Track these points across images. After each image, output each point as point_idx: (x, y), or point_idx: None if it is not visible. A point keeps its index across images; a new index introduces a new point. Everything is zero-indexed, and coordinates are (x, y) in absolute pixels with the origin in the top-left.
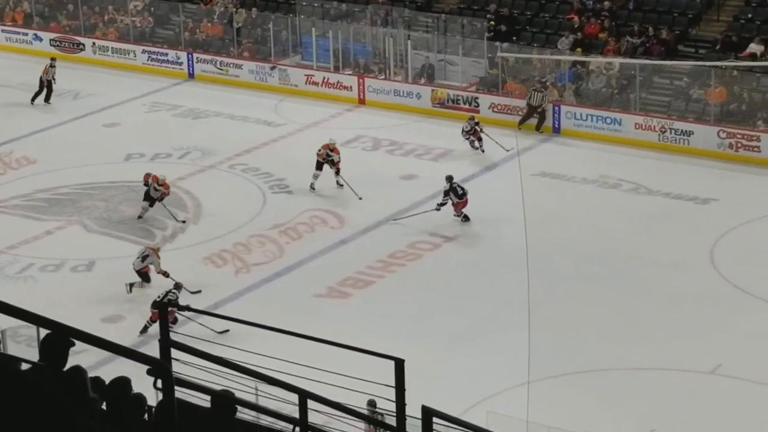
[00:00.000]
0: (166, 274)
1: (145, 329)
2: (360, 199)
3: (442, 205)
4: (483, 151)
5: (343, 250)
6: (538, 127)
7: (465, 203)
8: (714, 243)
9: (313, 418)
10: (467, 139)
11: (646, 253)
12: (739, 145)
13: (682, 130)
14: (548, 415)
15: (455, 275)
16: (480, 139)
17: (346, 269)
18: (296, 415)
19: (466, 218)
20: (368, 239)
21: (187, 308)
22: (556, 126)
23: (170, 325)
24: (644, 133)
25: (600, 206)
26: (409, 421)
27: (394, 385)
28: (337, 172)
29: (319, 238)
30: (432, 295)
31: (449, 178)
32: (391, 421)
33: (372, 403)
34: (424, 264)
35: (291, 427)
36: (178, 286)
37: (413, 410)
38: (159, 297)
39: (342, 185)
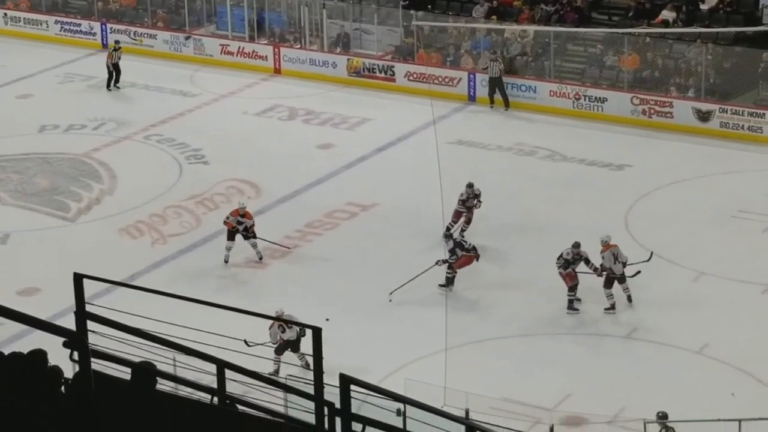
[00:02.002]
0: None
1: None
2: (290, 248)
3: (445, 262)
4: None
5: (260, 219)
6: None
7: (469, 260)
8: (628, 208)
9: (231, 387)
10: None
11: (562, 219)
12: (652, 111)
13: (596, 97)
14: (466, 381)
15: (372, 244)
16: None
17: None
18: (215, 385)
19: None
20: (285, 209)
21: (104, 280)
22: (472, 94)
23: None
24: (559, 100)
25: (515, 173)
26: (327, 389)
27: (311, 353)
28: (253, 237)
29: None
30: (349, 264)
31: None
32: (309, 389)
33: (663, 416)
34: (342, 233)
35: (209, 397)
36: None
37: (331, 378)
38: None
39: (259, 254)
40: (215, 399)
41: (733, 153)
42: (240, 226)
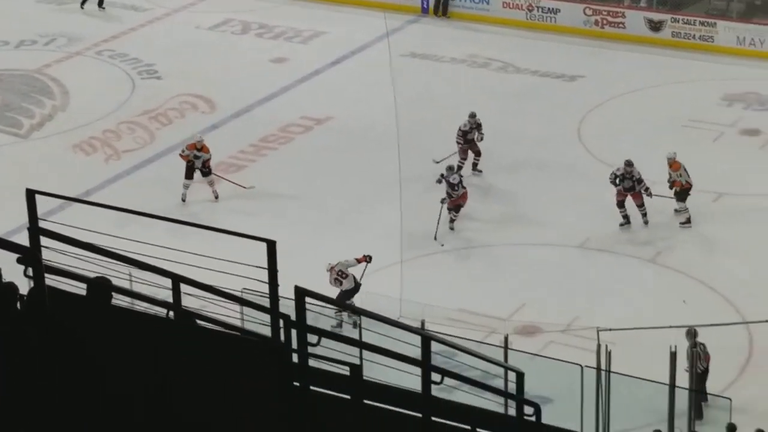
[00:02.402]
0: None
1: None
2: (250, 187)
3: (448, 197)
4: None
5: (214, 135)
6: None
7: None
8: (581, 119)
9: (187, 302)
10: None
11: (516, 131)
12: (604, 22)
13: (548, 8)
14: (422, 293)
15: (327, 158)
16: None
17: (218, 154)
18: (170, 299)
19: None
20: (239, 123)
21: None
22: (425, 6)
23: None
24: (512, 11)
25: (469, 86)
26: (282, 302)
27: (266, 266)
28: (208, 174)
29: (190, 123)
30: (304, 178)
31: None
32: (265, 302)
33: (693, 333)
34: (296, 147)
35: (165, 311)
36: None
37: (286, 291)
38: None
39: (215, 192)
40: (171, 313)
41: (684, 63)
42: (197, 161)
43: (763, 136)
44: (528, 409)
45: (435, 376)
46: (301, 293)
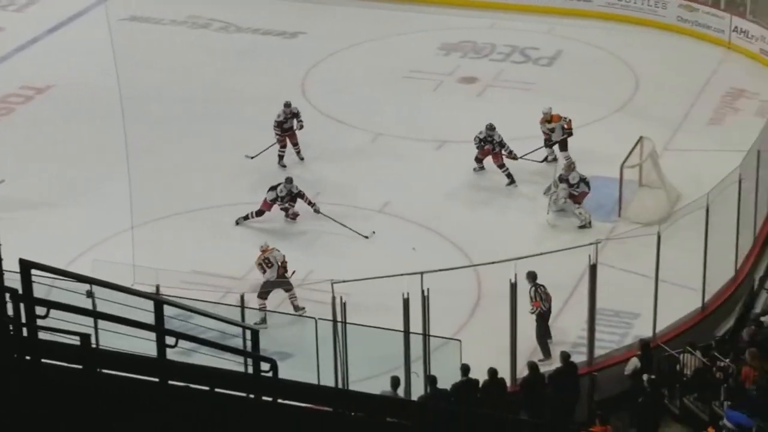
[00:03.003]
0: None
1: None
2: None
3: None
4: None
5: None
6: None
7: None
8: (304, 75)
9: None
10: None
11: (242, 90)
12: None
13: None
14: (155, 257)
15: (51, 128)
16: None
17: None
18: None
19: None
20: None
21: None
22: None
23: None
24: None
25: (191, 47)
26: (8, 276)
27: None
28: None
29: None
30: (29, 149)
31: None
32: None
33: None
34: (18, 118)
35: None
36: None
37: (11, 265)
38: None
39: None
40: None
41: (402, 15)
42: None
43: (480, 83)
44: (265, 365)
45: (170, 340)
46: (26, 265)
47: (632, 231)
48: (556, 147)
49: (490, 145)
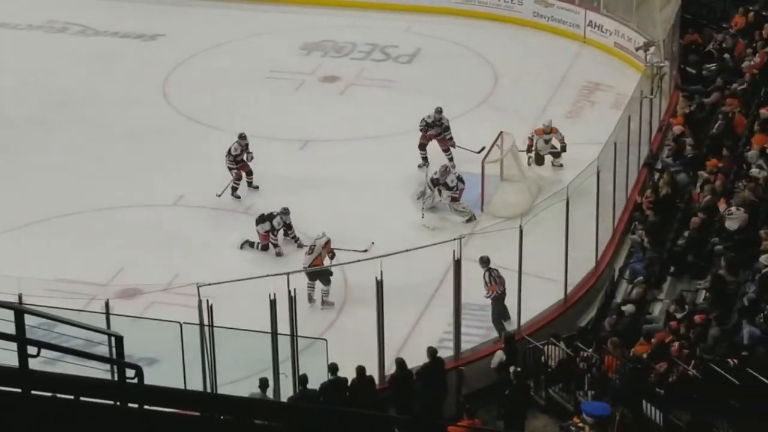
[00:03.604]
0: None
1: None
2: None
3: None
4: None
5: None
6: None
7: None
8: (165, 78)
9: None
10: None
11: (101, 94)
12: None
13: None
14: (20, 266)
15: None
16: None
17: None
18: None
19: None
20: None
21: None
22: None
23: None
24: None
25: (50, 51)
26: None
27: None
28: None
29: None
30: None
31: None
32: None
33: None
34: None
35: None
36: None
37: None
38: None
39: None
40: None
41: (261, 15)
42: None
43: (342, 82)
44: (130, 372)
45: (33, 350)
46: None
47: (495, 225)
48: (531, 156)
49: (437, 129)
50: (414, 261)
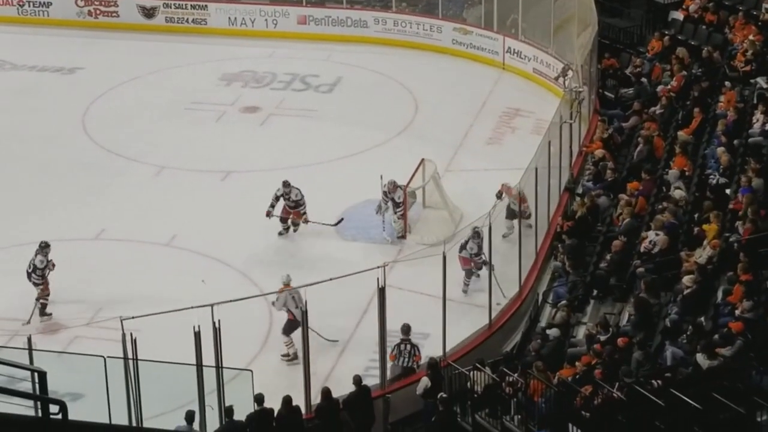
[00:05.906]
0: None
1: None
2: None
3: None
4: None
5: None
6: None
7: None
8: (84, 111)
9: None
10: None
11: (18, 129)
12: (98, 12)
13: (40, 2)
14: None
15: None
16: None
17: None
18: None
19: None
20: None
21: None
22: None
23: None
24: (2, 8)
25: None
26: None
27: None
28: None
29: None
30: None
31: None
32: None
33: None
34: None
35: None
36: None
37: None
38: None
39: None
40: None
41: (180, 47)
42: None
43: (262, 112)
44: (54, 408)
45: None
46: None
47: (418, 252)
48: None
49: (291, 201)
50: (338, 289)
